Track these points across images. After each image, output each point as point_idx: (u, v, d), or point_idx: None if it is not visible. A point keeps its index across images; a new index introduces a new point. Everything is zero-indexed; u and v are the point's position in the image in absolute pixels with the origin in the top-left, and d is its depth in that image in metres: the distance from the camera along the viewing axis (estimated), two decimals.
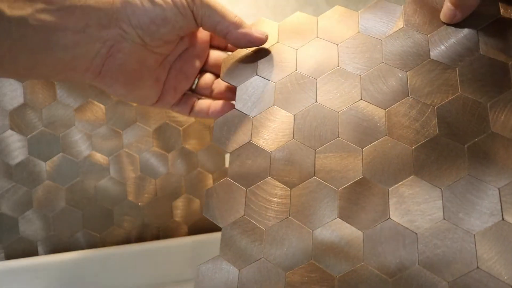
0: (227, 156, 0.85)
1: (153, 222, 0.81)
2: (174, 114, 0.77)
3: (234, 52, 0.38)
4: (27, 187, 0.75)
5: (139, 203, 0.80)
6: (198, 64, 0.40)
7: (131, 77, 0.36)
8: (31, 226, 0.75)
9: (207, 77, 0.41)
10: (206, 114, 0.41)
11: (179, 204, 0.83)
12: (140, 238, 0.81)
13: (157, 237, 0.82)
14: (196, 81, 0.42)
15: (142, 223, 0.80)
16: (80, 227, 0.77)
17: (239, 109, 0.35)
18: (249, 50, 0.38)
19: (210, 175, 0.84)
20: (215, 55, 0.42)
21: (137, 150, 0.80)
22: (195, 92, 0.42)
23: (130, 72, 0.35)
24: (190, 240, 0.78)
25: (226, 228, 0.32)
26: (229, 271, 0.31)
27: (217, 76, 0.41)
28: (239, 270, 0.30)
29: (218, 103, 0.40)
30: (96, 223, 0.79)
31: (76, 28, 0.31)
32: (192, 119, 0.72)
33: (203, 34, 0.40)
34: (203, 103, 0.41)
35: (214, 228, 0.84)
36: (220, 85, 0.41)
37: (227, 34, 0.36)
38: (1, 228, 0.74)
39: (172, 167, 0.83)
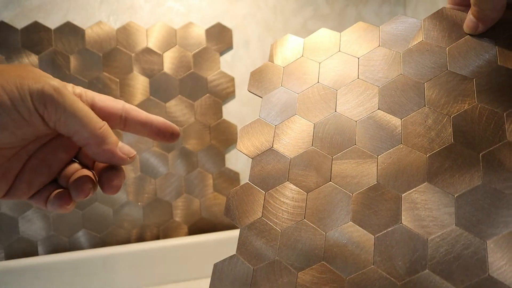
0: (227, 156, 0.86)
1: (153, 222, 0.83)
2: (174, 114, 0.79)
3: (261, 66, 0.40)
4: None
5: (139, 203, 0.82)
6: (65, 156, 0.33)
7: None
8: (31, 226, 0.78)
9: (72, 168, 0.33)
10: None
11: (179, 204, 0.84)
12: (140, 238, 0.82)
13: (157, 237, 0.83)
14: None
15: (142, 223, 0.82)
16: (80, 227, 0.79)
17: (263, 118, 0.38)
18: (276, 63, 0.40)
19: (210, 175, 0.85)
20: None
21: (137, 150, 0.81)
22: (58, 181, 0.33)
23: None
24: (190, 240, 0.78)
25: (244, 229, 0.33)
26: (244, 268, 0.32)
27: (84, 166, 0.34)
28: (253, 268, 0.32)
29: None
30: (96, 223, 0.80)
31: None
32: (192, 119, 0.70)
33: None
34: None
35: (213, 228, 0.85)
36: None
37: (86, 146, 0.30)
38: (1, 228, 0.77)
39: (172, 167, 0.84)
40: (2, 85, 0.26)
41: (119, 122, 0.33)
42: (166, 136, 0.35)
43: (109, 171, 0.33)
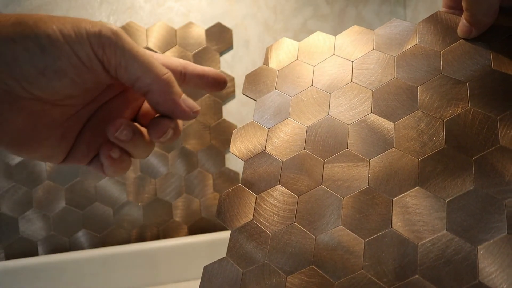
0: (227, 156, 0.86)
1: (153, 222, 0.83)
2: None
3: (256, 69, 0.40)
4: (27, 187, 0.77)
5: (139, 203, 0.82)
6: (127, 114, 0.32)
7: (19, 137, 0.27)
8: (31, 226, 0.78)
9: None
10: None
11: (179, 204, 0.84)
12: (140, 238, 0.82)
13: (157, 237, 0.83)
14: None
15: (142, 223, 0.82)
16: (80, 227, 0.80)
17: (256, 121, 0.37)
18: (271, 66, 0.40)
19: (210, 175, 0.85)
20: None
21: None
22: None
23: (16, 132, 0.27)
24: (190, 240, 0.78)
25: (235, 231, 0.33)
26: (233, 271, 0.32)
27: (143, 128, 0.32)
28: (243, 271, 0.32)
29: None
30: (96, 223, 0.80)
31: None
32: (192, 119, 0.70)
33: None
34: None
35: (213, 228, 0.85)
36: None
37: (147, 94, 0.28)
38: (1, 228, 0.77)
39: (172, 167, 0.84)
40: (60, 28, 0.25)
41: (179, 77, 0.33)
42: (220, 84, 0.35)
43: (155, 120, 0.31)
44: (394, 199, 0.31)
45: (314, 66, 0.38)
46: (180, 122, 0.32)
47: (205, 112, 0.84)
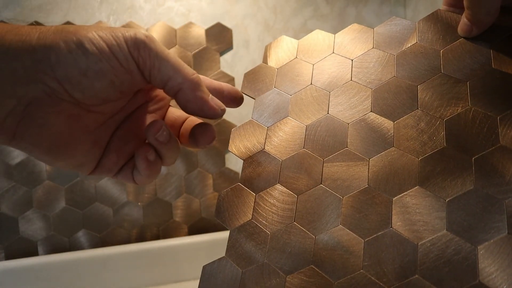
0: (227, 156, 0.86)
1: (153, 222, 0.82)
2: None
3: (255, 67, 0.40)
4: (27, 187, 0.77)
5: (139, 203, 0.82)
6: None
7: (57, 141, 0.28)
8: (31, 226, 0.77)
9: None
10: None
11: (179, 204, 0.84)
12: (140, 238, 0.82)
13: (157, 237, 0.82)
14: None
15: (142, 223, 0.82)
16: (80, 227, 0.79)
17: (255, 120, 0.37)
18: (270, 65, 0.40)
19: (210, 175, 0.85)
20: (175, 115, 0.36)
21: None
22: None
23: (55, 136, 0.28)
24: (190, 240, 0.78)
25: (234, 231, 0.33)
26: (232, 271, 0.32)
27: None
28: (242, 271, 0.32)
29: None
30: (96, 223, 0.80)
31: None
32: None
33: None
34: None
35: (213, 228, 0.85)
36: None
37: (178, 92, 0.30)
38: (1, 228, 0.76)
39: (172, 167, 0.84)
40: (99, 34, 0.27)
41: None
42: (237, 100, 0.36)
43: (200, 125, 0.34)
44: (394, 199, 0.31)
45: (313, 65, 0.38)
46: None
47: None
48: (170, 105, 0.37)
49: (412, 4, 0.90)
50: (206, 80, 0.34)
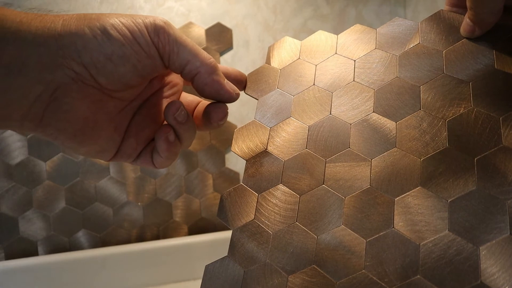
0: (227, 156, 0.86)
1: (153, 222, 0.82)
2: None
3: (258, 68, 0.40)
4: (27, 187, 0.77)
5: (139, 203, 0.82)
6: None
7: (82, 126, 0.29)
8: (31, 226, 0.77)
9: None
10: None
11: (179, 204, 0.83)
12: (140, 238, 0.82)
13: (157, 237, 0.82)
14: None
15: (142, 223, 0.82)
16: (80, 227, 0.79)
17: (258, 120, 0.37)
18: (273, 65, 0.40)
19: (210, 175, 0.85)
20: (188, 99, 0.37)
21: None
22: None
23: (80, 121, 0.29)
24: (190, 240, 0.78)
25: (236, 231, 0.33)
26: (234, 271, 0.32)
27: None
28: (244, 270, 0.32)
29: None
30: (96, 223, 0.80)
31: (9, 69, 0.25)
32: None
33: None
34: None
35: (213, 228, 0.85)
36: None
37: (196, 76, 0.31)
38: (1, 228, 0.76)
39: (172, 167, 0.84)
40: (120, 20, 0.28)
41: None
42: (242, 83, 0.38)
43: (213, 103, 0.35)
44: (396, 199, 0.31)
45: (316, 65, 0.38)
46: None
47: None
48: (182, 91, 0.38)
49: (412, 4, 0.90)
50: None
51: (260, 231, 0.33)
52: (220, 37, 0.85)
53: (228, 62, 0.86)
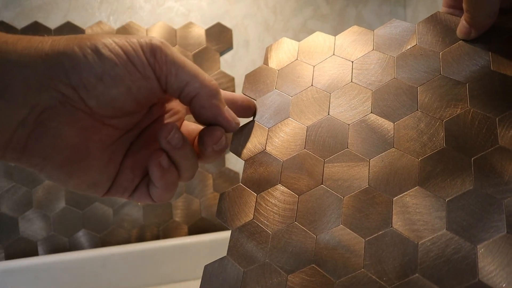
0: (227, 156, 0.86)
1: (153, 222, 0.83)
2: None
3: (256, 69, 0.41)
4: (27, 187, 0.77)
5: (139, 203, 0.82)
6: None
7: (71, 155, 0.27)
8: (31, 226, 0.77)
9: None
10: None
11: (179, 204, 0.84)
12: (140, 238, 0.82)
13: (157, 237, 0.83)
14: None
15: (142, 223, 0.82)
16: (80, 227, 0.79)
17: (257, 121, 0.38)
18: (271, 66, 0.40)
19: (210, 175, 0.85)
20: (190, 128, 0.35)
21: None
22: None
23: (68, 148, 0.26)
24: (190, 240, 0.78)
25: (235, 231, 0.34)
26: (234, 271, 0.32)
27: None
28: (243, 270, 0.32)
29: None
30: (96, 223, 0.80)
31: None
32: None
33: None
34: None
35: (213, 228, 0.85)
36: None
37: (194, 98, 0.29)
38: (1, 228, 0.76)
39: None
40: (114, 40, 0.26)
41: None
42: (251, 109, 0.36)
43: (208, 127, 0.32)
44: (394, 199, 0.31)
45: (314, 66, 0.39)
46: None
47: None
48: (184, 120, 0.36)
49: (412, 4, 0.90)
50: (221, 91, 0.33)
51: (259, 231, 0.33)
52: (220, 37, 0.85)
53: (228, 62, 0.86)
